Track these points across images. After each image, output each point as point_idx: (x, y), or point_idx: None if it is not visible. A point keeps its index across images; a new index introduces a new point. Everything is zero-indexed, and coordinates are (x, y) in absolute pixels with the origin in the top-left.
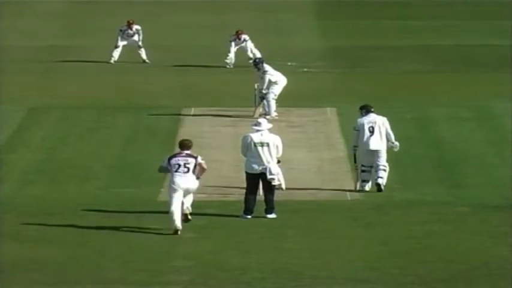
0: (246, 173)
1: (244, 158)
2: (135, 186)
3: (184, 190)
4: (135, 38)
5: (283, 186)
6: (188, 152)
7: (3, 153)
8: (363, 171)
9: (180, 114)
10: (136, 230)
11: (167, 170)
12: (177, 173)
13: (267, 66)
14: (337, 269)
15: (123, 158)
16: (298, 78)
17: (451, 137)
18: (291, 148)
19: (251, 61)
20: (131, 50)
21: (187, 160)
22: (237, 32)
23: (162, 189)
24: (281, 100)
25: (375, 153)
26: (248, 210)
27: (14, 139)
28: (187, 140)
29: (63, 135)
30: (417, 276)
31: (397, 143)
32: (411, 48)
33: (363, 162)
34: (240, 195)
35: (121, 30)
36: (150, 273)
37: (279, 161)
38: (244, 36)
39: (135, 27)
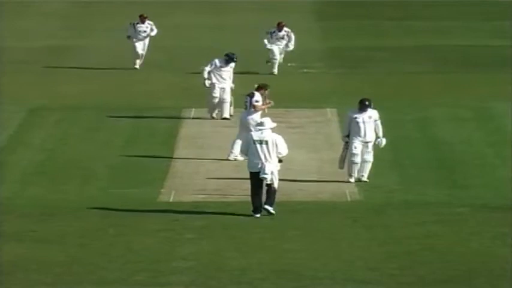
0: (249, 172)
1: (246, 157)
2: (135, 186)
3: None
4: (148, 33)
5: (275, 185)
6: None
7: (4, 153)
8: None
9: (180, 115)
10: (137, 230)
11: None
12: None
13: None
14: (337, 270)
15: (124, 159)
16: (298, 79)
17: (451, 137)
18: (291, 149)
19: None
20: (130, 50)
21: None
22: (279, 23)
23: (163, 190)
24: (281, 101)
25: None
26: (256, 208)
27: (14, 139)
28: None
29: (63, 136)
30: (417, 276)
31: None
32: (411, 48)
33: None
34: (240, 195)
35: (132, 24)
36: (150, 274)
37: (280, 161)
38: (287, 30)
39: (148, 22)
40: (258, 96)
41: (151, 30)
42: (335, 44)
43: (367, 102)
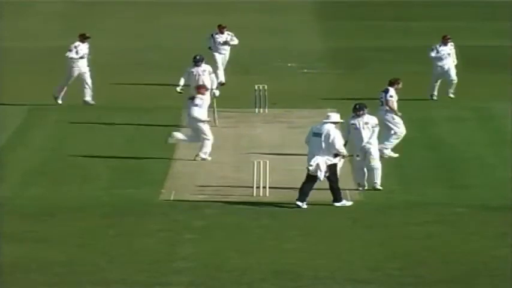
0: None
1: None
2: (135, 187)
3: None
4: (228, 43)
5: (320, 176)
6: None
7: (4, 153)
8: None
9: (180, 116)
10: (137, 230)
11: None
12: None
13: None
14: (337, 270)
15: (124, 159)
16: (298, 79)
17: (451, 137)
18: (292, 149)
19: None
20: (130, 50)
21: None
22: (444, 37)
23: (163, 190)
24: (281, 101)
25: None
26: (300, 195)
27: (14, 139)
28: None
29: (63, 136)
30: (417, 277)
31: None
32: (411, 49)
33: None
34: (240, 195)
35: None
36: (150, 274)
37: (336, 155)
38: (451, 43)
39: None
40: (392, 91)
41: (232, 39)
42: (335, 44)
43: (358, 106)
